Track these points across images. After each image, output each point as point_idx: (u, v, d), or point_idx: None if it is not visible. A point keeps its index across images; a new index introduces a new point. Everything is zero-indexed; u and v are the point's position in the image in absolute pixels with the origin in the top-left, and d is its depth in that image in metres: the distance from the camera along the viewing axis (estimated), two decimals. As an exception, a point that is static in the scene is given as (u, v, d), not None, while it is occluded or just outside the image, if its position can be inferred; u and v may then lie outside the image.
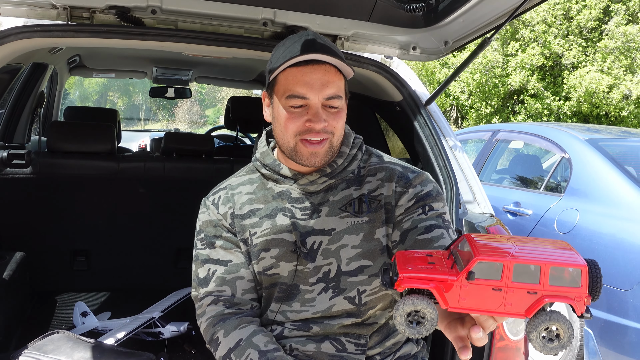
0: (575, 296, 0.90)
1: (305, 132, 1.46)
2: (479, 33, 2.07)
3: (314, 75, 1.45)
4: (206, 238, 1.61)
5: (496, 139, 5.48)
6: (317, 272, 1.54)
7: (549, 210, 4.25)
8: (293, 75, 1.46)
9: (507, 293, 0.91)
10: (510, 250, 0.92)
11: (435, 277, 0.95)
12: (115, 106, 29.80)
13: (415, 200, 1.54)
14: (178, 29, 2.15)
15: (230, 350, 1.46)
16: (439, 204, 1.56)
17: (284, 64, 1.44)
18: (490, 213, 2.19)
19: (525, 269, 0.90)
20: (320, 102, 1.46)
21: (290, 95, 1.46)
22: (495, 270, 0.90)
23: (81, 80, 26.51)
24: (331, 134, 1.49)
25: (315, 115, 1.45)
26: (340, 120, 1.50)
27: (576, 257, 0.91)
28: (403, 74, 2.38)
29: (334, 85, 1.47)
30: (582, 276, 0.89)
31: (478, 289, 0.92)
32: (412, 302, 0.95)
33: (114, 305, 3.10)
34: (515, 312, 0.91)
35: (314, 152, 1.48)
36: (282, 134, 1.50)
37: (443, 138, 2.27)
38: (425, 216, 1.51)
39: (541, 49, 14.72)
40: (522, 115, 15.25)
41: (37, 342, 1.80)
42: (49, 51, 3.26)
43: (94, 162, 3.00)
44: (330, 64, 1.47)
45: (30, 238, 3.02)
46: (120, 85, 28.83)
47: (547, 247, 0.95)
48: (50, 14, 2.03)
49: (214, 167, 3.07)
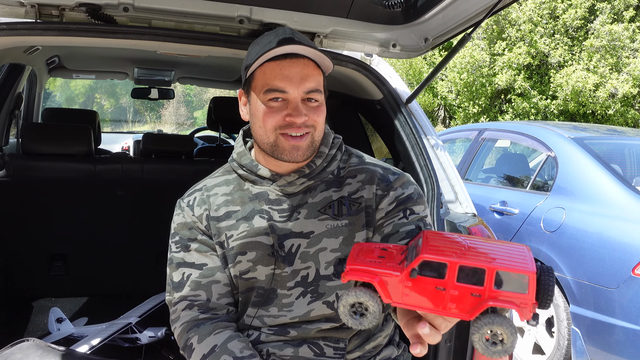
0: (521, 302, 0.87)
1: (285, 127, 1.43)
2: (458, 29, 2.04)
3: (293, 69, 1.42)
4: (181, 241, 1.56)
5: (482, 138, 5.47)
6: (295, 276, 1.50)
7: (536, 209, 4.24)
8: (271, 69, 1.42)
9: (447, 294, 0.90)
10: (460, 251, 0.91)
11: (380, 271, 0.95)
12: (103, 108, 29.61)
13: (397, 204, 1.51)
14: (151, 27, 2.10)
15: (204, 356, 1.42)
16: (420, 207, 1.53)
17: (261, 57, 1.40)
18: (472, 212, 2.15)
19: (470, 271, 0.89)
20: (300, 96, 1.42)
21: (269, 89, 1.42)
22: (440, 270, 0.90)
23: (68, 82, 26.33)
24: (312, 128, 1.45)
25: (295, 109, 1.41)
26: (321, 114, 1.46)
27: (527, 263, 0.88)
28: (383, 72, 2.34)
29: (314, 79, 1.44)
30: (529, 283, 0.87)
31: (421, 287, 0.92)
32: (355, 294, 0.96)
33: (92, 311, 3.03)
34: (459, 313, 0.90)
35: (295, 146, 1.44)
36: (260, 130, 1.46)
37: (424, 137, 2.23)
38: (407, 220, 1.48)
39: (528, 48, 14.78)
40: (510, 114, 15.31)
41: (5, 351, 1.74)
42: (24, 51, 3.18)
43: (70, 165, 2.93)
44: (308, 58, 1.44)
45: (5, 242, 2.95)
46: (108, 87, 28.67)
47: (502, 251, 0.93)
48: (18, 12, 1.97)
49: (194, 168, 3.01)
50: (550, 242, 3.98)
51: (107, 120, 23.79)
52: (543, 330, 4.07)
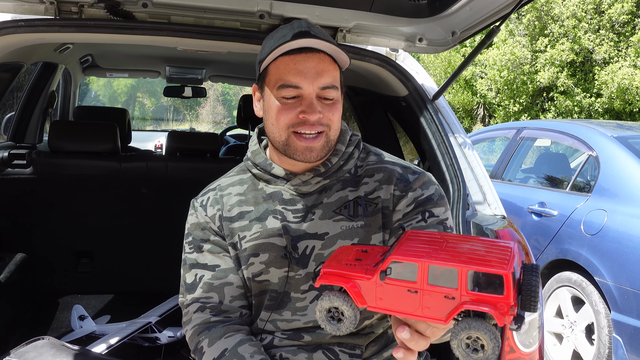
0: (498, 305, 0.81)
1: (298, 125, 1.37)
2: (486, 22, 1.94)
3: (308, 64, 1.36)
4: (194, 241, 1.53)
5: (521, 136, 5.31)
6: (310, 278, 1.44)
7: (576, 211, 4.10)
8: (285, 64, 1.37)
9: (424, 296, 0.86)
10: (434, 250, 0.88)
11: (352, 274, 0.93)
12: (144, 107, 30.21)
13: (415, 205, 1.44)
14: (170, 23, 2.07)
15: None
16: (440, 209, 1.45)
17: (274, 50, 1.34)
18: (501, 215, 2.06)
19: (442, 271, 0.84)
20: (315, 92, 1.36)
21: (283, 84, 1.36)
22: (411, 271, 0.86)
23: (110, 82, 26.97)
24: (327, 127, 1.39)
25: (310, 106, 1.35)
26: (336, 112, 1.40)
27: (504, 263, 0.82)
28: (409, 68, 2.26)
29: (329, 74, 1.37)
30: (505, 283, 0.80)
31: (394, 290, 0.88)
32: (329, 299, 0.94)
33: (115, 309, 3.05)
34: (434, 316, 0.86)
35: (309, 147, 1.38)
36: (273, 127, 1.40)
37: (451, 135, 2.14)
38: (425, 223, 1.42)
39: (571, 45, 14.34)
40: (552, 112, 14.90)
41: (21, 349, 1.75)
42: (55, 50, 3.22)
43: (96, 162, 2.94)
44: (324, 52, 1.38)
45: (32, 239, 2.99)
46: (149, 87, 29.20)
47: (482, 250, 0.87)
48: (38, 9, 1.97)
49: (218, 166, 2.97)
50: (590, 245, 3.83)
51: (148, 118, 24.25)
52: (583, 338, 3.91)
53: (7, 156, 2.84)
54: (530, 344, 1.81)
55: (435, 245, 0.90)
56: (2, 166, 2.84)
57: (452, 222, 1.50)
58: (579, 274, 3.94)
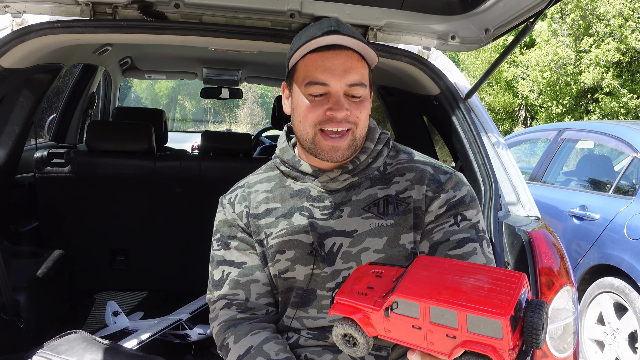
0: (498, 347, 0.81)
1: (325, 122, 1.36)
2: (520, 19, 1.89)
3: (336, 61, 1.35)
4: (221, 238, 1.54)
5: (562, 138, 5.17)
6: (336, 276, 1.43)
7: (619, 215, 3.96)
8: (313, 61, 1.37)
9: (427, 332, 0.88)
10: (438, 288, 0.89)
11: (361, 306, 0.96)
12: (185, 109, 30.76)
13: (447, 208, 1.42)
14: (202, 23, 2.09)
15: (240, 357, 1.38)
16: (472, 211, 1.43)
17: (302, 46, 1.35)
18: (536, 216, 2.00)
19: (443, 312, 0.86)
20: (343, 89, 1.36)
21: (310, 82, 1.36)
22: (414, 309, 0.89)
23: (152, 84, 27.56)
24: (354, 125, 1.38)
25: (337, 103, 1.35)
26: (364, 110, 1.39)
27: (505, 304, 0.82)
28: (442, 66, 2.22)
29: (357, 72, 1.36)
30: (503, 328, 0.81)
31: (400, 324, 0.91)
32: (342, 327, 0.98)
33: (149, 305, 3.10)
34: (438, 350, 0.88)
35: (334, 147, 1.37)
36: (300, 124, 1.41)
37: (484, 134, 2.10)
38: (458, 227, 1.40)
39: (617, 44, 13.90)
40: (597, 114, 14.48)
41: (53, 342, 1.79)
42: (94, 52, 3.30)
43: (131, 161, 3.00)
44: (353, 50, 1.37)
45: (70, 236, 3.06)
46: (190, 89, 29.70)
47: (486, 287, 0.88)
48: (74, 11, 2.02)
49: (251, 166, 3.00)
50: (634, 250, 3.71)
51: (188, 120, 24.70)
52: (625, 346, 3.78)
53: (47, 155, 2.92)
54: (564, 349, 1.75)
55: (441, 280, 0.91)
56: (42, 165, 2.93)
57: (483, 224, 1.47)
58: (622, 280, 3.81)
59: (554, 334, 1.74)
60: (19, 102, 2.67)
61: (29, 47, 1.98)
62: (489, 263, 1.42)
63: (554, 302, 1.72)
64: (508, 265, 1.76)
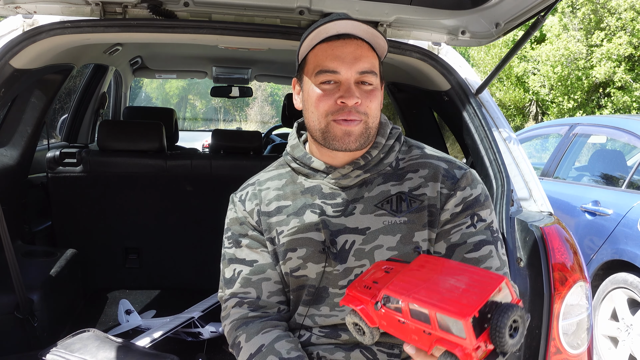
0: (464, 346, 0.86)
1: (337, 112, 1.36)
2: (531, 13, 1.87)
3: (346, 49, 1.36)
4: (232, 236, 1.54)
5: (573, 133, 5.13)
6: (348, 274, 1.42)
7: (632, 210, 3.93)
8: (323, 50, 1.37)
9: (410, 327, 0.94)
10: (420, 286, 0.95)
11: (362, 298, 1.04)
12: (195, 109, 30.88)
13: (464, 207, 1.41)
14: (211, 21, 2.10)
15: (251, 355, 1.38)
16: (487, 211, 1.43)
17: (310, 34, 1.36)
18: (548, 211, 1.99)
19: (419, 309, 0.91)
20: (353, 77, 1.36)
21: (320, 70, 1.36)
22: (398, 305, 0.95)
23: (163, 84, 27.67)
24: (365, 115, 1.37)
25: (348, 90, 1.35)
26: (374, 100, 1.38)
27: (472, 304, 0.87)
28: (452, 61, 2.21)
29: (367, 60, 1.37)
30: (464, 328, 0.85)
31: (391, 318, 0.97)
32: (351, 316, 1.07)
33: (161, 304, 3.11)
34: (420, 345, 0.93)
35: (347, 131, 1.37)
36: (312, 115, 1.40)
37: (495, 129, 2.09)
38: (475, 229, 1.40)
39: (629, 38, 13.76)
40: (609, 109, 14.34)
41: (67, 340, 1.81)
42: (105, 52, 3.32)
43: (142, 160, 3.01)
44: (362, 40, 1.37)
45: (83, 235, 3.09)
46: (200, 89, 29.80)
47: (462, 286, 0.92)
48: (84, 11, 2.03)
49: (261, 164, 2.99)
50: (647, 245, 3.66)
51: (198, 119, 24.79)
52: (639, 341, 3.74)
53: (59, 155, 2.94)
54: (578, 345, 1.74)
55: (426, 279, 0.97)
56: (54, 164, 2.95)
57: (496, 222, 1.47)
58: (636, 276, 3.77)
59: (568, 330, 1.73)
60: (31, 102, 2.68)
61: (40, 47, 1.99)
62: (502, 265, 1.42)
63: (567, 298, 1.71)
64: (521, 261, 1.75)
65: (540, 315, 1.69)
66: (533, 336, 1.70)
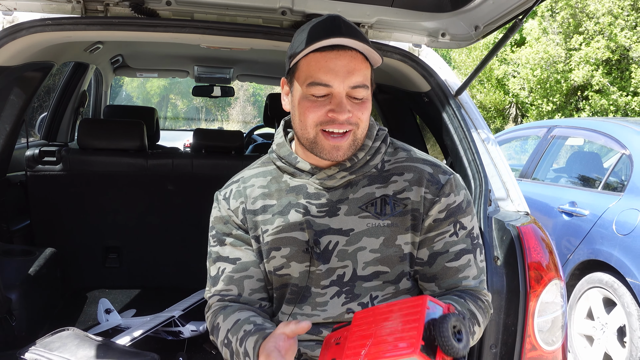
0: None
1: (327, 123, 1.36)
2: (510, 16, 1.91)
3: (339, 62, 1.34)
4: (217, 235, 1.54)
5: (552, 135, 5.21)
6: (331, 274, 1.44)
7: (608, 211, 4.00)
8: (316, 60, 1.35)
9: None
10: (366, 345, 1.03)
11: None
12: (177, 108, 30.62)
13: (447, 214, 1.43)
14: (194, 20, 2.10)
15: (228, 331, 1.39)
16: (468, 217, 1.46)
17: (306, 48, 1.34)
18: (525, 211, 2.02)
19: None
20: (345, 91, 1.35)
21: (313, 82, 1.35)
22: None
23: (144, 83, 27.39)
24: (355, 126, 1.38)
25: (339, 105, 1.34)
26: (365, 111, 1.39)
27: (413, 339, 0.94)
28: (432, 63, 2.24)
29: (360, 73, 1.36)
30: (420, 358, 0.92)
31: None
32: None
33: (141, 303, 3.10)
34: None
35: (336, 146, 1.37)
36: (301, 124, 1.40)
37: (474, 130, 2.12)
38: (457, 237, 1.44)
39: (607, 42, 13.96)
40: (587, 111, 14.54)
41: (46, 339, 1.79)
42: (85, 50, 3.29)
43: (123, 159, 3.00)
44: (356, 50, 1.36)
45: (62, 234, 3.06)
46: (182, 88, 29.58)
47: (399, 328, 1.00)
48: (65, 8, 2.02)
49: (243, 163, 2.99)
50: (622, 245, 3.74)
51: (180, 118, 24.59)
52: (614, 340, 3.82)
53: (38, 153, 2.92)
54: (553, 342, 1.78)
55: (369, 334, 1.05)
56: (33, 163, 2.92)
57: (477, 228, 1.50)
58: (611, 275, 3.85)
59: (543, 327, 1.76)
60: (10, 100, 2.65)
61: (20, 44, 1.97)
62: (479, 273, 1.46)
63: (543, 296, 1.74)
64: (498, 259, 1.78)
65: (516, 312, 1.72)
66: (509, 333, 1.73)
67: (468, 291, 1.44)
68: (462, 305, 1.37)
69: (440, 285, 1.44)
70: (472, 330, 1.35)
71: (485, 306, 1.45)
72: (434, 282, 1.45)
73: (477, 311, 1.40)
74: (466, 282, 1.44)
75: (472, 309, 1.39)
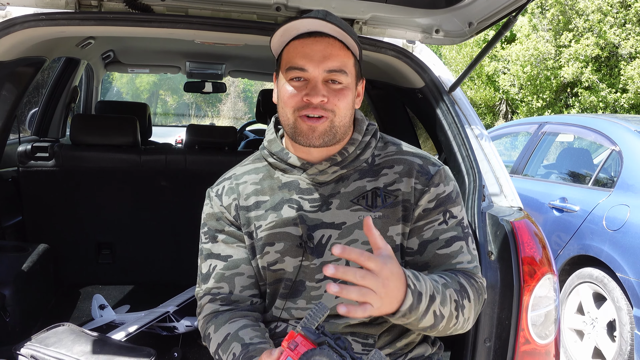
0: None
1: (303, 108, 1.38)
2: (504, 12, 1.92)
3: (315, 47, 1.37)
4: (209, 232, 1.55)
5: (542, 131, 5.24)
6: None
7: (598, 206, 4.03)
8: (294, 47, 1.39)
9: None
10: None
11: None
12: (167, 104, 30.51)
13: (437, 204, 1.45)
14: (188, 15, 2.09)
15: (218, 345, 1.40)
16: (458, 207, 1.48)
17: (280, 29, 1.37)
18: (518, 206, 2.04)
19: None
20: (321, 75, 1.37)
21: (290, 67, 1.39)
22: None
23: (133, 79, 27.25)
24: (331, 113, 1.39)
25: (313, 88, 1.37)
26: (343, 98, 1.39)
27: None
28: (426, 59, 2.24)
29: (337, 59, 1.38)
30: None
31: None
32: None
33: (135, 299, 3.10)
34: None
35: (311, 127, 1.38)
36: (282, 110, 1.43)
37: (467, 126, 2.13)
38: (446, 226, 1.44)
39: (596, 39, 14.07)
40: (576, 108, 14.65)
41: (41, 334, 1.79)
42: (77, 45, 3.27)
43: (116, 155, 2.99)
44: (335, 38, 1.38)
45: (54, 230, 3.05)
46: (172, 84, 29.46)
47: None
48: (58, 3, 2.00)
49: (236, 159, 2.98)
50: (612, 241, 3.78)
51: (170, 114, 24.50)
52: (604, 335, 3.86)
53: (30, 149, 2.90)
54: (546, 335, 1.79)
55: None
56: (26, 159, 2.90)
57: (466, 219, 1.51)
58: (601, 270, 3.88)
59: (536, 321, 1.78)
60: (2, 95, 2.63)
61: (13, 39, 1.96)
62: (473, 259, 1.46)
63: (536, 290, 1.76)
64: (492, 254, 1.79)
65: (510, 306, 1.73)
66: (503, 327, 1.74)
67: (462, 270, 1.43)
68: (452, 279, 1.35)
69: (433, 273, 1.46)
70: (461, 304, 1.33)
71: (479, 286, 1.42)
72: (427, 270, 1.44)
73: (468, 286, 1.37)
74: (461, 267, 1.43)
75: (462, 282, 1.37)
